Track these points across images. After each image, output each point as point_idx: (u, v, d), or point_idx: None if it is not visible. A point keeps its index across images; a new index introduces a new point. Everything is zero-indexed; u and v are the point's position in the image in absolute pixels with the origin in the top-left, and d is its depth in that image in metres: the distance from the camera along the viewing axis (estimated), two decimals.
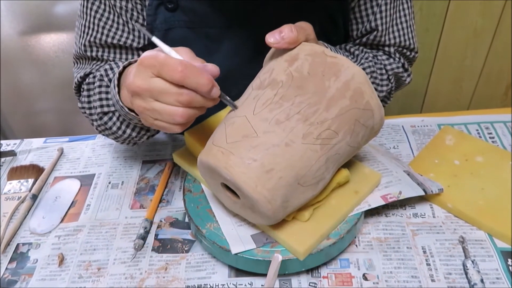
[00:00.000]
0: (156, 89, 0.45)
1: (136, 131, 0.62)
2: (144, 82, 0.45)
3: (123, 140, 0.65)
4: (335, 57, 0.49)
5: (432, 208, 0.61)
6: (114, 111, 0.61)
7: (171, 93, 0.45)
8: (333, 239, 0.52)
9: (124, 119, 0.60)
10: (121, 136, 0.63)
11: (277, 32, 0.49)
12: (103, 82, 0.62)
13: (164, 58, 0.44)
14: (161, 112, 0.46)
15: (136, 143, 0.67)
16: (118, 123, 0.61)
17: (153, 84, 0.45)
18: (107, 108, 0.61)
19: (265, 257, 0.51)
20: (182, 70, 0.43)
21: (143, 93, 0.46)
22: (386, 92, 0.75)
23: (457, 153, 0.67)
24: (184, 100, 0.45)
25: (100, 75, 0.62)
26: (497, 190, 0.60)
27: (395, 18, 0.72)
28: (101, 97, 0.61)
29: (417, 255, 0.55)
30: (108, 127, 0.62)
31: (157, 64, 0.44)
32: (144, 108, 0.47)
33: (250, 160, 0.44)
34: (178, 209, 0.65)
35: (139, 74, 0.46)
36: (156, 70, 0.45)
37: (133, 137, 0.63)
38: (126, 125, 0.61)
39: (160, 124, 0.48)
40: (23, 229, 0.64)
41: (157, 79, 0.45)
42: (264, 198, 0.45)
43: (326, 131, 0.46)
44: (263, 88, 0.49)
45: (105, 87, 0.62)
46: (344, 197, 0.55)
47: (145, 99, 0.46)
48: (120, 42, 0.66)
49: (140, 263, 0.58)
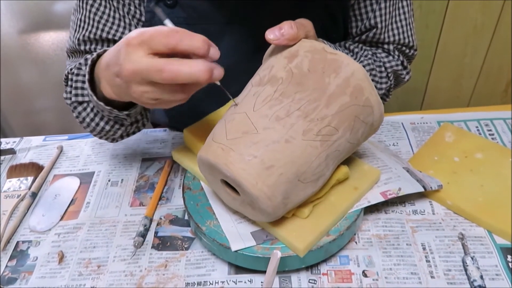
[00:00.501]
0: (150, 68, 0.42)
1: (110, 124, 0.60)
2: (136, 64, 0.42)
3: (98, 133, 0.63)
4: (335, 53, 0.49)
5: (431, 205, 0.61)
6: (88, 101, 0.59)
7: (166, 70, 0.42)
8: (333, 236, 0.52)
9: (97, 110, 0.59)
10: (95, 129, 0.61)
11: (277, 29, 0.49)
12: (81, 71, 0.61)
13: (153, 30, 0.42)
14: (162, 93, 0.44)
15: (114, 139, 0.66)
16: (91, 115, 0.60)
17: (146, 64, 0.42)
18: (81, 98, 0.60)
19: (265, 254, 0.51)
20: (174, 35, 0.42)
21: (137, 77, 0.43)
22: (385, 90, 0.75)
23: (456, 150, 0.67)
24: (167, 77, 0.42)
25: (79, 63, 0.61)
26: (496, 187, 0.60)
27: (394, 16, 0.72)
28: (77, 85, 0.60)
29: (416, 251, 0.56)
30: (82, 118, 0.61)
31: (147, 39, 0.42)
32: (142, 91, 0.44)
33: (250, 156, 0.44)
34: (177, 206, 0.65)
35: (129, 56, 0.43)
36: (147, 46, 0.42)
37: (106, 130, 0.61)
38: (99, 118, 0.60)
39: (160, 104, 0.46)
40: (23, 227, 0.64)
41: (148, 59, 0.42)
42: (264, 194, 0.45)
43: (326, 128, 0.46)
44: (263, 85, 0.49)
45: (82, 76, 0.60)
46: (343, 193, 0.55)
47: (141, 83, 0.44)
48: (115, 37, 0.66)
49: (140, 260, 0.58)
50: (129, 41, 0.43)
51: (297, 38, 0.50)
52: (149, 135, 0.80)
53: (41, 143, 0.81)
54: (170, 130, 0.81)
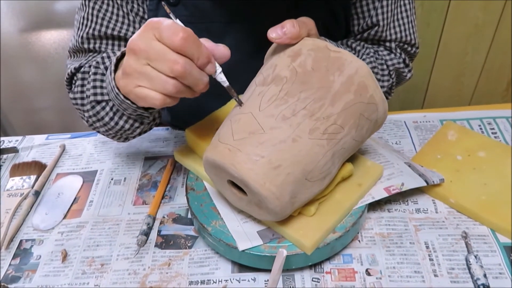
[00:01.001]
0: (154, 52, 0.44)
1: (129, 123, 0.60)
2: (143, 42, 0.44)
3: (114, 133, 0.63)
4: (338, 51, 0.49)
5: (434, 204, 0.61)
6: (108, 100, 0.59)
7: (168, 59, 0.43)
8: (339, 233, 0.52)
9: (117, 109, 0.58)
10: (113, 128, 0.61)
11: (279, 28, 0.49)
12: (98, 69, 0.60)
13: (169, 23, 0.44)
14: (152, 78, 0.45)
15: (127, 138, 0.65)
16: (111, 114, 0.59)
17: (152, 47, 0.44)
18: (100, 97, 0.59)
19: (272, 252, 0.51)
20: (184, 36, 0.43)
21: (140, 53, 0.44)
22: (387, 88, 0.75)
23: (459, 148, 0.67)
24: (178, 69, 0.43)
25: (96, 62, 0.61)
26: (499, 185, 0.60)
27: (396, 14, 0.72)
28: (95, 85, 0.59)
29: (420, 250, 0.56)
30: (100, 117, 0.60)
31: (161, 26, 0.43)
32: (134, 69, 0.45)
33: (258, 156, 0.44)
34: (180, 205, 0.65)
35: (142, 34, 0.45)
36: (158, 32, 0.43)
37: (125, 129, 0.60)
38: (119, 116, 0.59)
39: (143, 91, 0.46)
40: (26, 226, 0.64)
41: (158, 43, 0.44)
42: (272, 194, 0.45)
43: (332, 126, 0.46)
44: (267, 84, 0.48)
45: (100, 74, 0.60)
46: (348, 190, 0.56)
47: (139, 60, 0.45)
48: (120, 34, 0.66)
49: (143, 259, 0.58)
50: (148, 22, 0.45)
51: (299, 36, 0.50)
52: (152, 133, 0.80)
53: (43, 142, 0.81)
54: (172, 128, 0.81)
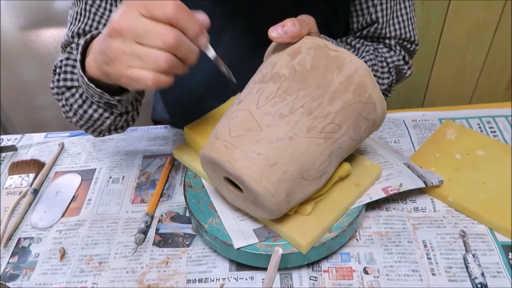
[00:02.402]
0: (141, 28, 0.41)
1: (99, 112, 0.58)
2: (129, 21, 0.42)
3: (85, 124, 0.61)
4: (337, 50, 0.48)
5: (433, 202, 0.61)
6: (77, 86, 0.58)
7: (158, 33, 0.41)
8: (335, 232, 0.52)
9: (87, 96, 0.56)
10: (82, 117, 0.59)
11: (280, 27, 0.48)
12: (71, 55, 0.59)
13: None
14: (142, 56, 0.42)
15: (101, 132, 0.63)
16: (80, 101, 0.58)
17: (139, 23, 0.41)
18: (70, 82, 0.58)
19: (268, 251, 0.51)
20: (175, 5, 0.41)
21: (126, 33, 0.42)
22: (387, 85, 0.75)
23: (458, 147, 0.67)
24: (170, 41, 0.41)
25: (71, 48, 0.60)
26: (498, 184, 0.60)
27: (395, 11, 0.71)
28: (66, 70, 0.58)
29: (418, 249, 0.55)
30: (70, 104, 0.59)
31: (147, 1, 0.41)
32: (123, 51, 0.42)
33: (254, 154, 0.44)
34: (179, 203, 0.65)
35: (125, 13, 0.42)
36: (144, 7, 0.41)
37: (94, 119, 0.58)
38: (88, 105, 0.57)
39: (136, 72, 0.43)
40: (25, 224, 0.64)
41: (144, 19, 0.42)
42: (268, 192, 0.45)
43: (329, 125, 0.46)
44: (266, 82, 0.48)
45: (72, 60, 0.59)
46: (345, 190, 0.55)
47: (126, 41, 0.42)
48: None
49: (141, 257, 0.58)
50: (129, 2, 0.42)
51: (300, 35, 0.49)
52: (150, 132, 0.80)
53: (42, 140, 0.81)
54: (171, 127, 0.81)
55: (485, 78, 1.46)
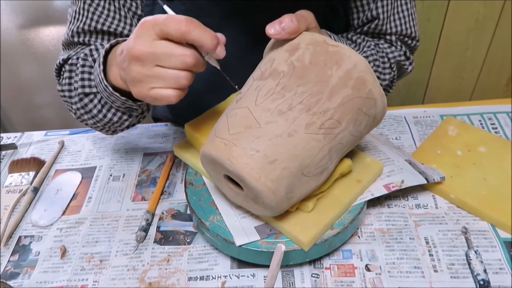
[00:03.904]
0: (160, 51, 0.44)
1: (118, 115, 0.60)
2: (147, 45, 0.44)
3: (102, 126, 0.63)
4: (336, 46, 0.48)
5: (434, 199, 0.61)
6: (96, 92, 0.59)
7: (176, 55, 0.44)
8: (337, 229, 0.52)
9: (106, 101, 0.58)
10: (101, 121, 0.61)
11: (277, 23, 0.48)
12: (86, 62, 0.60)
13: (167, 16, 0.44)
14: (165, 77, 0.45)
15: (116, 131, 0.65)
16: (99, 106, 0.59)
17: (157, 47, 0.44)
18: (88, 89, 0.59)
19: (269, 248, 0.51)
20: (187, 23, 0.43)
21: (146, 58, 0.44)
22: (389, 81, 0.75)
23: (459, 143, 0.67)
24: (190, 61, 0.44)
25: (84, 54, 0.61)
26: (499, 180, 0.60)
27: (396, 7, 0.71)
28: (83, 77, 0.59)
29: (419, 245, 0.55)
30: (88, 109, 0.60)
31: (160, 22, 0.43)
32: (145, 75, 0.45)
33: (253, 151, 0.44)
34: (179, 201, 0.65)
35: (141, 37, 0.44)
36: (158, 28, 0.43)
37: (113, 122, 0.60)
38: (107, 109, 0.59)
39: (159, 92, 0.46)
40: (25, 222, 0.64)
41: (161, 41, 0.44)
42: (268, 189, 0.45)
43: (329, 121, 0.46)
44: (265, 79, 0.48)
45: (88, 67, 0.60)
46: (347, 186, 0.55)
47: (147, 65, 0.45)
48: (110, 29, 0.65)
49: (142, 255, 0.58)
50: (143, 22, 0.45)
51: (298, 31, 0.49)
52: (151, 129, 0.80)
53: (42, 138, 0.80)
54: (172, 124, 0.81)
55: (485, 74, 1.45)
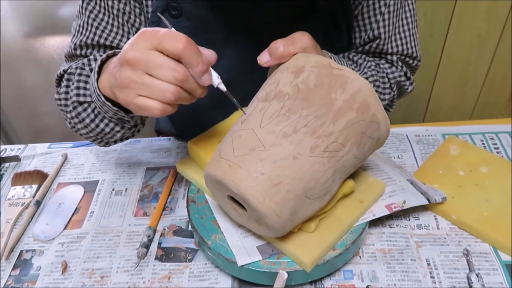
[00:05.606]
0: (152, 60, 0.44)
1: (110, 126, 0.60)
2: (141, 52, 0.44)
3: (95, 136, 0.63)
4: (341, 69, 0.49)
5: (436, 220, 0.61)
6: (90, 101, 0.59)
7: (167, 67, 0.44)
8: (339, 250, 0.52)
9: (99, 111, 0.58)
10: (93, 130, 0.61)
11: (266, 52, 0.51)
12: (83, 71, 0.61)
13: (167, 30, 0.45)
14: (151, 87, 0.45)
15: (108, 142, 0.65)
16: (92, 115, 0.59)
17: (150, 56, 0.44)
18: (83, 98, 0.59)
19: (271, 268, 0.51)
20: (185, 43, 0.44)
21: (137, 64, 0.45)
22: (389, 101, 0.76)
23: (461, 163, 0.67)
24: (179, 77, 0.44)
25: (82, 63, 0.61)
26: (501, 202, 0.60)
27: (398, 27, 0.72)
28: (79, 85, 0.60)
29: (421, 267, 0.55)
30: (81, 118, 0.60)
31: (159, 35, 0.44)
32: (132, 80, 0.45)
33: (258, 173, 0.44)
34: (181, 217, 0.65)
35: (137, 44, 0.45)
36: (157, 40, 0.44)
37: (105, 132, 0.60)
38: (100, 119, 0.59)
39: (143, 101, 0.46)
40: (27, 236, 0.64)
41: (155, 52, 0.44)
42: (272, 211, 0.45)
43: (333, 144, 0.46)
44: (270, 100, 0.48)
45: (85, 76, 0.61)
46: (349, 207, 0.55)
47: (136, 71, 0.45)
48: (112, 44, 0.66)
49: (143, 271, 0.58)
50: (143, 32, 0.45)
51: (284, 55, 0.51)
52: (154, 144, 0.80)
53: (46, 151, 0.81)
54: (175, 139, 0.81)
55: (487, 90, 1.46)
